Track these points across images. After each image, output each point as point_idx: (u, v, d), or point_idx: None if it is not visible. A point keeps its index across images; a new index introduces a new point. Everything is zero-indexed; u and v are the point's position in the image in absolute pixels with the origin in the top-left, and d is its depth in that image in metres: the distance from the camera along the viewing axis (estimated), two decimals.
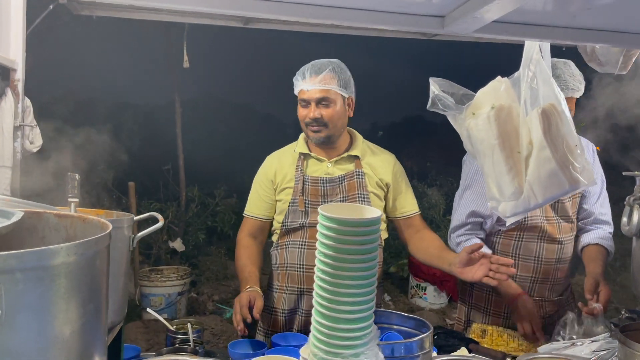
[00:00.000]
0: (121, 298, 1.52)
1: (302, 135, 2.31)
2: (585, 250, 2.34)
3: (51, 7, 2.78)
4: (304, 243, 2.18)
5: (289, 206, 2.19)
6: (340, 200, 2.18)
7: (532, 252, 2.29)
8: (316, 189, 2.19)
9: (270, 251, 2.33)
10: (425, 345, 1.37)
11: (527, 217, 2.22)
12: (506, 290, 2.23)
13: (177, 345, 1.90)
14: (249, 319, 1.91)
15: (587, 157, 1.36)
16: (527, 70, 1.30)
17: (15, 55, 2.33)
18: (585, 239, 2.36)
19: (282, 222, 2.22)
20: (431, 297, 6.17)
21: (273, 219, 2.30)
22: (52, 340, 0.86)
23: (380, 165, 2.27)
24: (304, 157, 2.25)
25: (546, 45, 1.32)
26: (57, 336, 0.87)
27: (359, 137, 2.32)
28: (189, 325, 1.96)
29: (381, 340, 1.47)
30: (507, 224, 1.64)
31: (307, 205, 2.18)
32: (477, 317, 2.43)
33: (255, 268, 2.17)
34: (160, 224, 1.78)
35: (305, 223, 2.17)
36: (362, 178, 2.21)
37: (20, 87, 2.33)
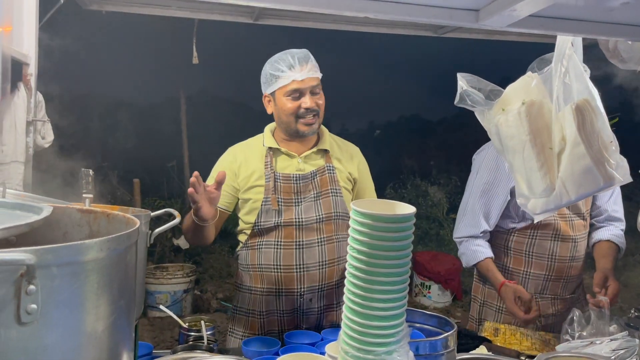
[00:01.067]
0: (140, 295, 1.51)
1: (268, 128, 2.19)
2: (597, 247, 2.36)
3: (61, 1, 2.76)
4: (279, 243, 2.07)
5: (261, 205, 2.07)
6: (314, 197, 2.08)
7: (545, 250, 2.29)
8: (289, 186, 2.08)
9: (237, 251, 2.21)
10: (449, 343, 1.37)
11: None
12: (491, 280, 2.30)
13: (191, 342, 1.89)
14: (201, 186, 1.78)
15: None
16: (560, 65, 1.29)
17: (28, 49, 2.31)
18: (597, 235, 2.37)
19: (255, 222, 2.08)
20: (435, 296, 6.17)
21: (229, 210, 2.16)
22: (86, 337, 0.85)
23: (347, 159, 2.20)
24: (273, 152, 2.12)
25: (578, 41, 1.31)
26: (90, 333, 0.86)
27: (326, 131, 2.21)
28: (202, 322, 1.94)
29: None
30: (536, 221, 1.63)
31: (280, 204, 2.06)
32: (489, 314, 2.43)
33: None
34: (177, 220, 1.76)
35: (280, 222, 2.05)
36: (333, 173, 2.12)
37: (33, 81, 2.32)
